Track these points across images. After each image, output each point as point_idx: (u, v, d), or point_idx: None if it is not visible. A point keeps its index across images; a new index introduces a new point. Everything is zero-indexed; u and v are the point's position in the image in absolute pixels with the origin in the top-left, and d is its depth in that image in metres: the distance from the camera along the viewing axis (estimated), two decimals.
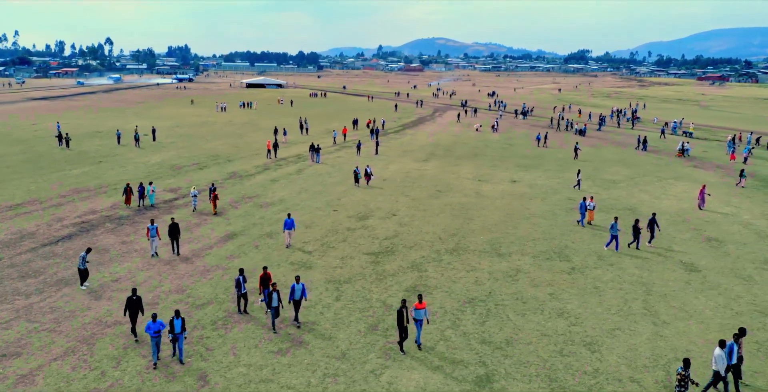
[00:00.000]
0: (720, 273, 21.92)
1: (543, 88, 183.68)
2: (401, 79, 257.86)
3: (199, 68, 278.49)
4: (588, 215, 28.11)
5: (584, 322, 17.62)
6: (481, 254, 23.79)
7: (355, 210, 30.54)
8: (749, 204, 33.09)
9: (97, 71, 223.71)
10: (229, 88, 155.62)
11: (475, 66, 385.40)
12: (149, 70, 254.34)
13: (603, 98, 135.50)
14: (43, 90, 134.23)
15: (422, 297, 15.89)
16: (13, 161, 43.24)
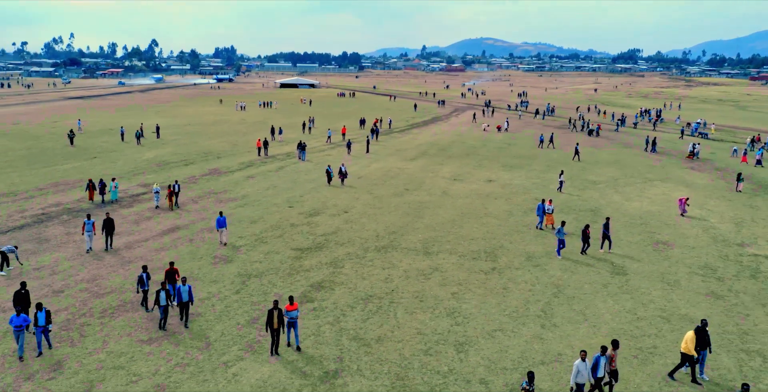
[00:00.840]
0: (646, 278, 21.13)
1: (580, 88, 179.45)
2: (439, 79, 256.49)
3: (241, 69, 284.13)
4: (546, 218, 27.04)
5: (469, 322, 17.30)
6: (408, 252, 23.61)
7: (311, 207, 30.74)
8: (724, 208, 31.69)
9: (141, 72, 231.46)
10: (261, 88, 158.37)
11: (519, 66, 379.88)
12: (192, 71, 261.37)
13: (638, 98, 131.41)
14: (84, 90, 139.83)
15: (293, 299, 15.68)
16: (15, 155, 45.31)
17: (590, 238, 23.45)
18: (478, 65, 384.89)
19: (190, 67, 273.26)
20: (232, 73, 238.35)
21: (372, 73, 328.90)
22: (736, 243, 25.41)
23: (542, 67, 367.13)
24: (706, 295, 19.59)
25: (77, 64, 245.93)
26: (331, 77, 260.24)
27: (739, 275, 21.55)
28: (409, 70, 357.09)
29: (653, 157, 49.27)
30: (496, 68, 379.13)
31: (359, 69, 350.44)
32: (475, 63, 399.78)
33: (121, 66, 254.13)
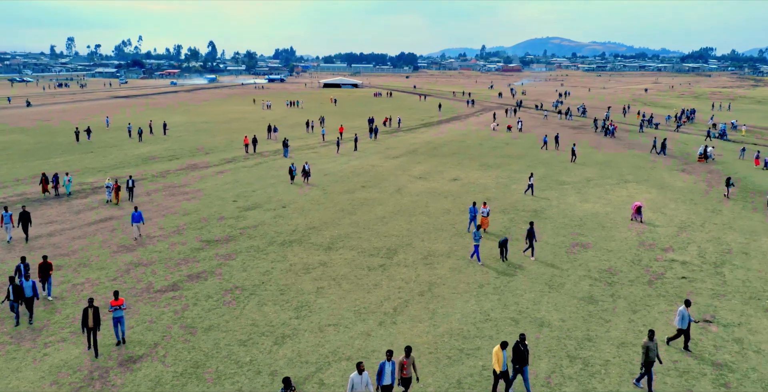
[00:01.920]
0: (532, 280, 20.47)
1: (632, 88, 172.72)
2: (490, 79, 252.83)
3: (294, 69, 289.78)
4: (481, 221, 25.75)
5: (311, 316, 17.35)
6: (310, 247, 23.78)
7: (253, 202, 31.34)
8: (681, 212, 30.18)
9: (198, 72, 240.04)
10: (303, 88, 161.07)
11: (579, 66, 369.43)
12: (247, 71, 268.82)
13: (688, 99, 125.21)
14: (135, 89, 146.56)
15: (118, 294, 15.52)
16: (19, 149, 48.26)
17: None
18: (536, 65, 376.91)
19: (246, 67, 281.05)
20: (284, 74, 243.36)
21: (426, 74, 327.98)
22: (662, 248, 24.15)
23: (603, 67, 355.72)
24: (580, 299, 18.78)
25: (140, 65, 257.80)
26: (382, 77, 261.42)
27: (636, 280, 20.53)
28: (465, 70, 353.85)
29: (657, 158, 47.05)
30: (555, 68, 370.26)
31: (414, 69, 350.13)
32: (534, 63, 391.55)
33: (179, 67, 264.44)
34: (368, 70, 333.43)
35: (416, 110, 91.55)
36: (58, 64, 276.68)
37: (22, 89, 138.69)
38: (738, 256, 23.16)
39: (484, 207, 26.00)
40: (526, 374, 13.27)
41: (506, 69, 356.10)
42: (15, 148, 48.82)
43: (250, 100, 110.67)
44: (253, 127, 66.57)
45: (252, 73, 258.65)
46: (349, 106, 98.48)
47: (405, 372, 12.58)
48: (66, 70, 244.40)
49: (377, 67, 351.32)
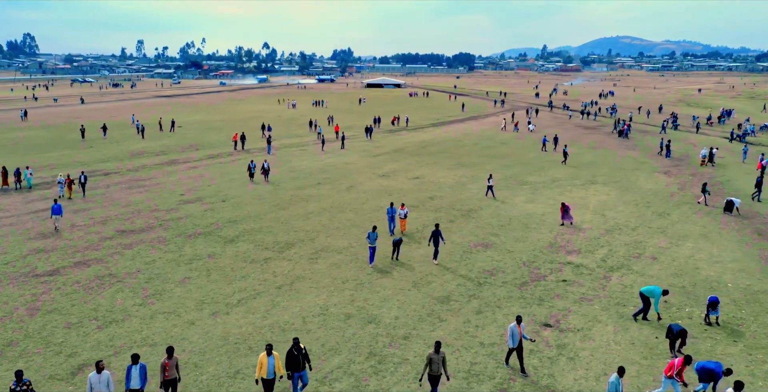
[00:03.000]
0: (402, 278, 20.33)
1: (687, 88, 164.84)
2: (544, 79, 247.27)
3: (347, 70, 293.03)
4: (399, 223, 25.12)
5: (156, 304, 17.88)
6: (215, 239, 24.38)
7: (198, 196, 32.30)
8: (623, 215, 29.05)
9: (251, 73, 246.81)
10: (345, 88, 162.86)
11: (643, 66, 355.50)
12: (300, 72, 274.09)
13: (741, 100, 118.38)
14: (182, 89, 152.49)
15: None
16: (30, 144, 51.39)
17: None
18: (597, 65, 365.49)
19: (299, 68, 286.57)
20: (334, 75, 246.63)
21: (480, 74, 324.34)
22: (569, 250, 23.33)
23: (669, 67, 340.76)
24: (434, 298, 18.48)
25: (198, 66, 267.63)
26: (433, 78, 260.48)
27: (511, 282, 20.00)
28: (522, 71, 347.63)
29: (657, 160, 45.14)
30: (617, 68, 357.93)
31: (469, 70, 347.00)
32: (595, 63, 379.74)
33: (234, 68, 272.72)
34: (422, 71, 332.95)
35: (439, 109, 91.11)
36: (123, 66, 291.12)
37: (80, 89, 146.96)
38: (642, 261, 22.07)
39: (402, 208, 25.20)
40: (295, 380, 12.64)
41: (565, 69, 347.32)
42: (26, 143, 51.95)
43: (281, 99, 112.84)
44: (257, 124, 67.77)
45: (305, 74, 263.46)
46: (375, 105, 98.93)
47: (167, 374, 12.13)
48: (129, 71, 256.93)
49: (432, 67, 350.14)
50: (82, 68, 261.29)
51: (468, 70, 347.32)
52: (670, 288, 19.31)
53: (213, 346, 15.18)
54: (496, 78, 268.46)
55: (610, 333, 16.15)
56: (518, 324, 13.79)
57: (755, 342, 15.66)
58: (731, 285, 19.67)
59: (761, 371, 14.18)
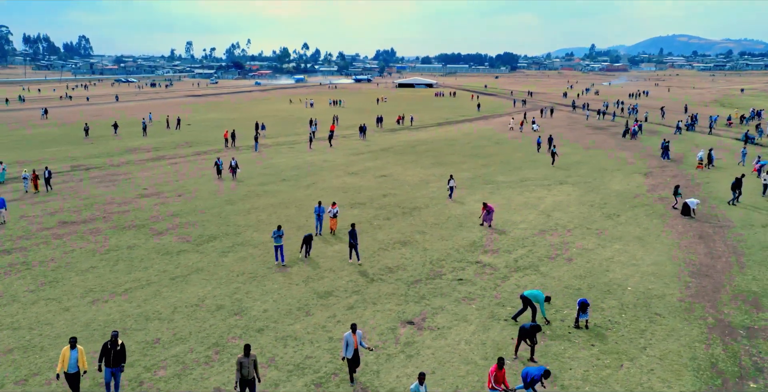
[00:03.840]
0: (297, 274, 20.46)
1: (732, 88, 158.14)
2: (585, 79, 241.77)
3: (385, 70, 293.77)
4: (329, 223, 24.85)
5: (46, 291, 18.59)
6: (143, 232, 25.09)
7: (159, 190, 33.24)
8: (569, 215, 28.41)
9: (289, 73, 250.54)
10: (376, 88, 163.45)
11: (694, 65, 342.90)
12: (339, 72, 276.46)
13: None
14: (217, 89, 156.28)
15: None
16: (37, 140, 53.84)
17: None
18: (645, 65, 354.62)
19: (338, 68, 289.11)
20: (371, 75, 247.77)
21: (522, 74, 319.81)
22: (487, 250, 23.00)
23: (722, 66, 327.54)
24: (316, 293, 18.57)
25: (239, 67, 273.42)
26: (472, 78, 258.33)
27: (405, 279, 19.89)
28: (566, 71, 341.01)
29: (651, 161, 43.78)
30: (666, 67, 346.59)
31: (511, 70, 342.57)
32: (644, 62, 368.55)
33: (273, 68, 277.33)
34: (463, 71, 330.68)
35: (455, 109, 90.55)
36: (169, 66, 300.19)
37: (119, 88, 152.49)
38: (555, 263, 21.54)
39: (333, 207, 24.88)
40: (107, 375, 12.34)
41: (611, 68, 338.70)
42: (33, 139, 54.41)
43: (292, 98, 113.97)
44: (272, 122, 68.90)
45: (343, 74, 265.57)
46: (394, 105, 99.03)
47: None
48: (173, 72, 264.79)
49: (473, 67, 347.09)
50: (128, 69, 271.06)
51: (510, 70, 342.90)
52: (566, 290, 18.84)
53: (71, 332, 15.67)
54: (536, 78, 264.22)
55: (467, 332, 15.88)
56: (353, 333, 13.10)
57: (612, 347, 15.12)
58: (630, 289, 18.99)
59: (597, 377, 13.70)
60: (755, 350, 14.94)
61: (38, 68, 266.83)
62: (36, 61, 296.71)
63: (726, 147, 49.96)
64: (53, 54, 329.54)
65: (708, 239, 24.47)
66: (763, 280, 19.72)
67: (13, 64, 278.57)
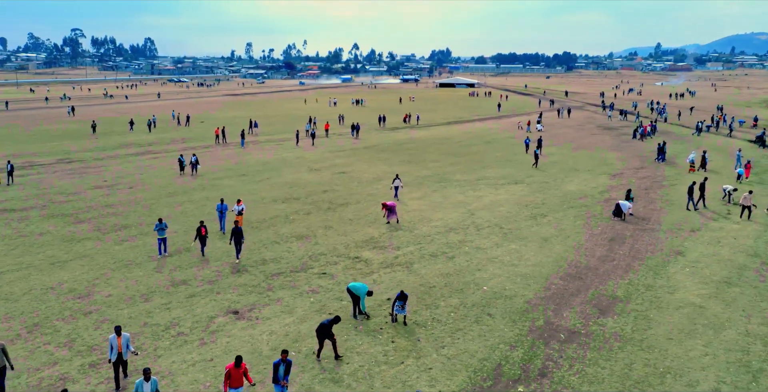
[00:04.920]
0: (166, 265, 21.09)
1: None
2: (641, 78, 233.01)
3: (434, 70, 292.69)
4: (237, 219, 23.56)
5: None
6: (65, 220, 26.33)
7: (117, 183, 34.71)
8: (493, 216, 27.83)
9: (337, 73, 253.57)
10: (415, 87, 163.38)
11: (765, 64, 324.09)
12: (388, 72, 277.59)
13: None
14: (259, 88, 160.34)
15: None
16: (46, 135, 57.00)
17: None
18: (711, 64, 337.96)
19: (387, 68, 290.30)
20: (419, 75, 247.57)
21: (578, 74, 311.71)
22: (378, 246, 22.94)
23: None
24: (169, 283, 19.11)
25: (290, 67, 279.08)
26: (523, 78, 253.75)
27: (272, 271, 20.16)
28: (626, 70, 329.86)
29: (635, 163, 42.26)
30: (736, 67, 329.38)
31: (568, 70, 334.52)
32: (711, 61, 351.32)
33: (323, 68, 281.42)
34: (517, 71, 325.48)
35: (475, 109, 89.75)
36: (224, 67, 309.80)
37: (167, 87, 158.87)
38: (436, 260, 21.28)
39: (238, 204, 24.62)
40: None
41: (673, 68, 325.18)
42: (47, 134, 57.55)
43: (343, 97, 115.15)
44: (285, 120, 70.25)
45: (392, 74, 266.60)
46: (420, 104, 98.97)
47: None
48: (228, 72, 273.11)
49: (528, 67, 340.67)
50: (184, 69, 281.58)
51: (566, 70, 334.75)
52: (419, 288, 18.63)
53: None
54: (590, 78, 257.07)
55: (281, 324, 15.99)
56: (118, 336, 12.57)
57: (410, 345, 14.89)
58: (486, 289, 18.54)
59: (366, 373, 13.57)
60: (557, 354, 14.35)
61: (104, 69, 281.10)
62: (103, 62, 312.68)
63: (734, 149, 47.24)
64: (119, 55, 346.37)
65: (618, 242, 23.47)
66: (636, 286, 18.81)
67: (82, 65, 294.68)
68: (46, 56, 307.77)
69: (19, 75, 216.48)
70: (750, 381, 13.10)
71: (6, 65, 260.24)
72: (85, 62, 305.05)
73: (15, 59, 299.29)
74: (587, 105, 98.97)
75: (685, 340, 15.05)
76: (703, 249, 22.57)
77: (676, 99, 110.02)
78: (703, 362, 13.95)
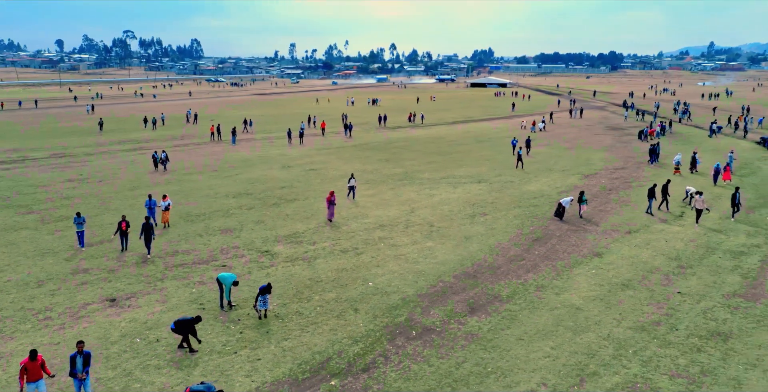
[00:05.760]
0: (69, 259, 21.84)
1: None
2: (684, 78, 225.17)
3: (474, 70, 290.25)
4: (162, 216, 24.70)
5: None
6: (15, 210, 27.57)
7: (89, 177, 36.02)
8: (432, 212, 27.63)
9: (372, 73, 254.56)
10: (445, 87, 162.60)
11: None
12: (425, 72, 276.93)
13: None
14: (290, 88, 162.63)
15: None
16: (61, 131, 59.53)
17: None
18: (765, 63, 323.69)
19: (425, 68, 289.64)
20: (455, 75, 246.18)
21: (623, 74, 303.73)
22: (295, 240, 23.17)
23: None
24: (71, 271, 19.82)
25: (328, 67, 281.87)
26: (563, 77, 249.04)
27: (169, 263, 20.66)
28: (673, 70, 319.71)
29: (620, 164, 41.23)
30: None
31: (612, 69, 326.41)
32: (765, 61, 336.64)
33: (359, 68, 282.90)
34: (559, 71, 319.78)
35: (490, 108, 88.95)
36: (264, 67, 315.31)
37: (201, 87, 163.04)
38: (345, 255, 21.35)
39: (164, 200, 24.81)
40: None
41: (724, 68, 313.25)
42: (58, 131, 60.07)
43: (362, 96, 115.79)
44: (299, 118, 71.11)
45: (429, 74, 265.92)
46: (439, 104, 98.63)
47: None
48: (266, 72, 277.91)
49: (570, 67, 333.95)
50: (225, 69, 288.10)
51: (611, 69, 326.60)
52: (307, 281, 18.73)
53: None
54: (633, 78, 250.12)
55: (148, 312, 16.38)
56: None
57: (254, 336, 15.04)
58: (371, 285, 18.54)
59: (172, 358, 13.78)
60: (395, 351, 14.27)
61: (150, 69, 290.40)
62: (150, 63, 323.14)
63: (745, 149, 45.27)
64: (165, 56, 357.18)
65: (541, 242, 23.00)
66: (528, 286, 18.45)
67: (130, 66, 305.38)
68: (96, 57, 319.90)
69: (71, 75, 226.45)
70: (572, 384, 12.71)
71: (59, 66, 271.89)
72: (132, 63, 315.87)
73: (68, 60, 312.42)
74: (611, 105, 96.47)
75: (536, 342, 14.68)
76: (626, 251, 21.87)
77: (709, 99, 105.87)
78: (538, 364, 13.60)
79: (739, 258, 20.98)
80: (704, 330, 15.29)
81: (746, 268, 20.00)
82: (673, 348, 14.31)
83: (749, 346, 14.42)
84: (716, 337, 14.90)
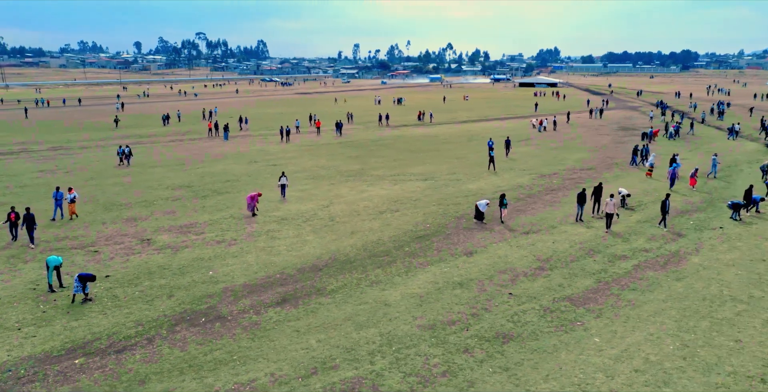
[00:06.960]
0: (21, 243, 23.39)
1: None
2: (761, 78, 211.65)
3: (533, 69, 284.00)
4: (69, 207, 25.30)
5: None
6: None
7: (62, 167, 38.32)
8: (341, 209, 27.81)
9: (427, 73, 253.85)
10: (493, 87, 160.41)
11: None
12: (482, 72, 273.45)
13: None
14: (336, 87, 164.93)
15: None
16: (78, 126, 63.26)
17: None
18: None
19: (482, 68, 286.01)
20: (511, 74, 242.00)
21: (695, 74, 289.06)
22: (183, 232, 23.97)
23: None
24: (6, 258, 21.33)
25: (384, 67, 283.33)
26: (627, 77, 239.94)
27: (100, 252, 21.85)
28: (751, 70, 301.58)
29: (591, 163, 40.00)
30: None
31: (683, 69, 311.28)
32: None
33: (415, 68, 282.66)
34: (625, 70, 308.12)
35: (513, 108, 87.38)
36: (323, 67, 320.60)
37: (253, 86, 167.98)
38: (216, 248, 21.91)
39: (70, 192, 25.18)
40: None
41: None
42: (78, 127, 63.73)
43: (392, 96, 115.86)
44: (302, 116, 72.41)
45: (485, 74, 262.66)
46: (471, 103, 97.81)
47: None
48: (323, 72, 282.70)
49: (638, 66, 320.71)
50: (284, 70, 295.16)
51: (682, 69, 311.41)
52: (155, 268, 19.41)
53: None
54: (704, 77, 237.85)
55: None
56: None
57: (52, 315, 15.75)
58: (211, 274, 18.96)
59: None
60: (166, 335, 14.63)
61: (215, 70, 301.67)
62: (216, 63, 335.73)
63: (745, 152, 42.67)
64: (231, 57, 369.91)
65: (422, 240, 22.73)
66: (361, 281, 18.36)
67: (198, 66, 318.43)
68: (166, 58, 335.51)
69: (140, 75, 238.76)
70: (302, 376, 12.68)
71: (132, 66, 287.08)
72: (200, 63, 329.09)
73: (141, 61, 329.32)
74: (648, 105, 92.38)
75: (309, 334, 14.68)
76: (501, 251, 21.29)
77: (761, 100, 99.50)
78: (288, 355, 13.63)
79: (613, 263, 19.96)
80: (493, 332, 14.78)
81: (610, 272, 19.04)
82: (441, 348, 13.94)
83: (521, 350, 13.85)
84: (497, 340, 14.38)
